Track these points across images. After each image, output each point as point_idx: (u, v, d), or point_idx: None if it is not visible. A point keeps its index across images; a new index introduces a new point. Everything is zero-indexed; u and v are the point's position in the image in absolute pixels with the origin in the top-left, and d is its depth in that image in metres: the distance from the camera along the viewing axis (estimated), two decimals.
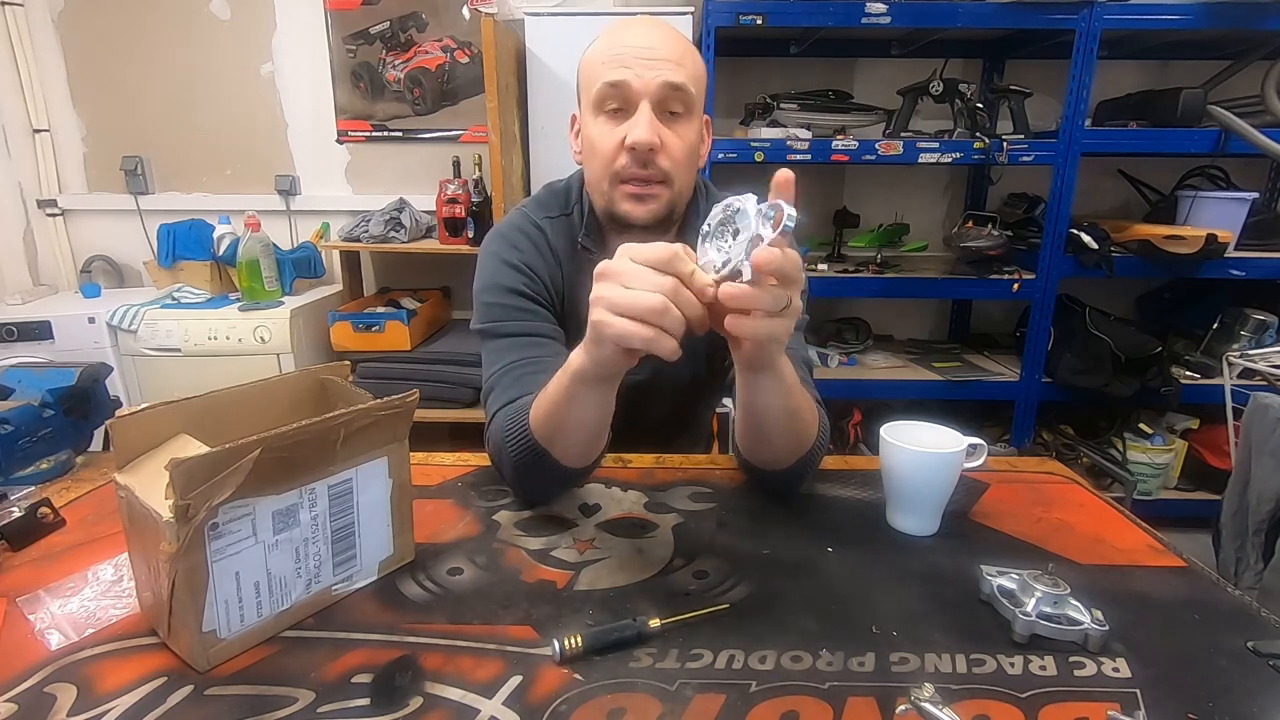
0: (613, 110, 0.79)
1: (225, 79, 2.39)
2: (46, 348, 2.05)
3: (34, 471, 0.85)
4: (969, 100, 2.03)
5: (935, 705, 0.49)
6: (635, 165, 0.78)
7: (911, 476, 0.74)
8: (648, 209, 0.80)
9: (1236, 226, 2.02)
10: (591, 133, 0.81)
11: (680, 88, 0.77)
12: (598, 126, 0.80)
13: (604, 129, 0.79)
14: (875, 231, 2.38)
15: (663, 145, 0.77)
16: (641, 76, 0.76)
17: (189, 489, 0.49)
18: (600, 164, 0.80)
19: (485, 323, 0.86)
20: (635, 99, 0.77)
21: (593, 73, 0.80)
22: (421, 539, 0.71)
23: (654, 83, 0.76)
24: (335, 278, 2.47)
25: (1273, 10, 1.83)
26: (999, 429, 2.31)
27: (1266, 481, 1.39)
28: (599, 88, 0.78)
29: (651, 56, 0.77)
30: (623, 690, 0.52)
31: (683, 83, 0.77)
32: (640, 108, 0.76)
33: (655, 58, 0.77)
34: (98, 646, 0.56)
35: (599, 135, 0.80)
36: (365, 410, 0.59)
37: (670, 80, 0.76)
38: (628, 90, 0.77)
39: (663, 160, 0.78)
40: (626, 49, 0.77)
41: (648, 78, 0.76)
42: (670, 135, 0.78)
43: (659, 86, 0.76)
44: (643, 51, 0.77)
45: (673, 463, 0.92)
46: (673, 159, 0.79)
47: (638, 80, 0.76)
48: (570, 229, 0.90)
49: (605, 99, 0.78)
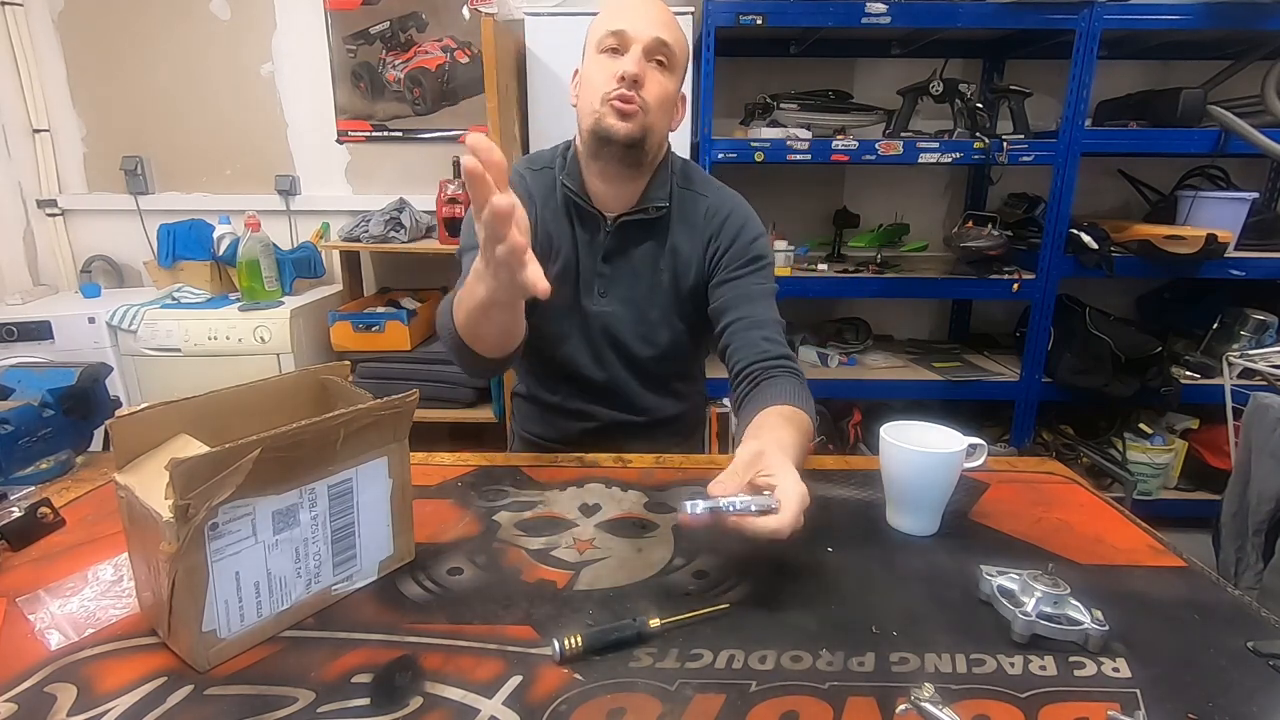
0: (610, 50, 0.93)
1: (225, 79, 2.39)
2: (46, 348, 2.04)
3: (34, 471, 0.85)
4: (969, 100, 2.03)
5: (935, 705, 0.49)
6: (624, 88, 0.91)
7: (911, 476, 0.74)
8: (626, 126, 0.92)
9: (1236, 226, 2.02)
10: (590, 69, 0.95)
11: (667, 44, 0.93)
12: (596, 63, 0.94)
13: (601, 63, 0.93)
14: (875, 231, 2.38)
15: (645, 81, 0.92)
16: (637, 26, 0.92)
17: (189, 489, 0.49)
18: (593, 90, 0.93)
19: (464, 243, 0.98)
20: (629, 44, 0.92)
21: (597, 24, 0.96)
22: (421, 539, 0.71)
23: (646, 34, 0.92)
24: (335, 278, 2.47)
25: (1273, 10, 1.83)
26: (999, 429, 2.31)
27: (1266, 481, 1.39)
28: (601, 34, 0.94)
29: (647, 17, 0.93)
30: (623, 690, 0.52)
31: (670, 41, 0.93)
32: (632, 49, 0.92)
33: (650, 19, 0.93)
34: (98, 646, 0.56)
35: (596, 68, 0.94)
36: (365, 410, 0.59)
37: (660, 36, 0.92)
38: (624, 36, 0.92)
39: (644, 93, 0.92)
40: (627, 7, 0.95)
41: (642, 27, 0.92)
42: (653, 76, 0.93)
43: (650, 38, 0.92)
44: (641, 13, 0.94)
45: (673, 463, 0.92)
46: (652, 95, 0.93)
47: (634, 29, 0.92)
48: (550, 180, 1.04)
49: (605, 41, 0.93)
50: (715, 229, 1.02)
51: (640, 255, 1.03)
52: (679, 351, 1.08)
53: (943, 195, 2.52)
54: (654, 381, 1.09)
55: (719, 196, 1.05)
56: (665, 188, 1.01)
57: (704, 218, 1.03)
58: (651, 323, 1.04)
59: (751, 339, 0.94)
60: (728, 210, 1.03)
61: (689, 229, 1.03)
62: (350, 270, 2.40)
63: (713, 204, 1.04)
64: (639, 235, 1.02)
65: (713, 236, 1.02)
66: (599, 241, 1.02)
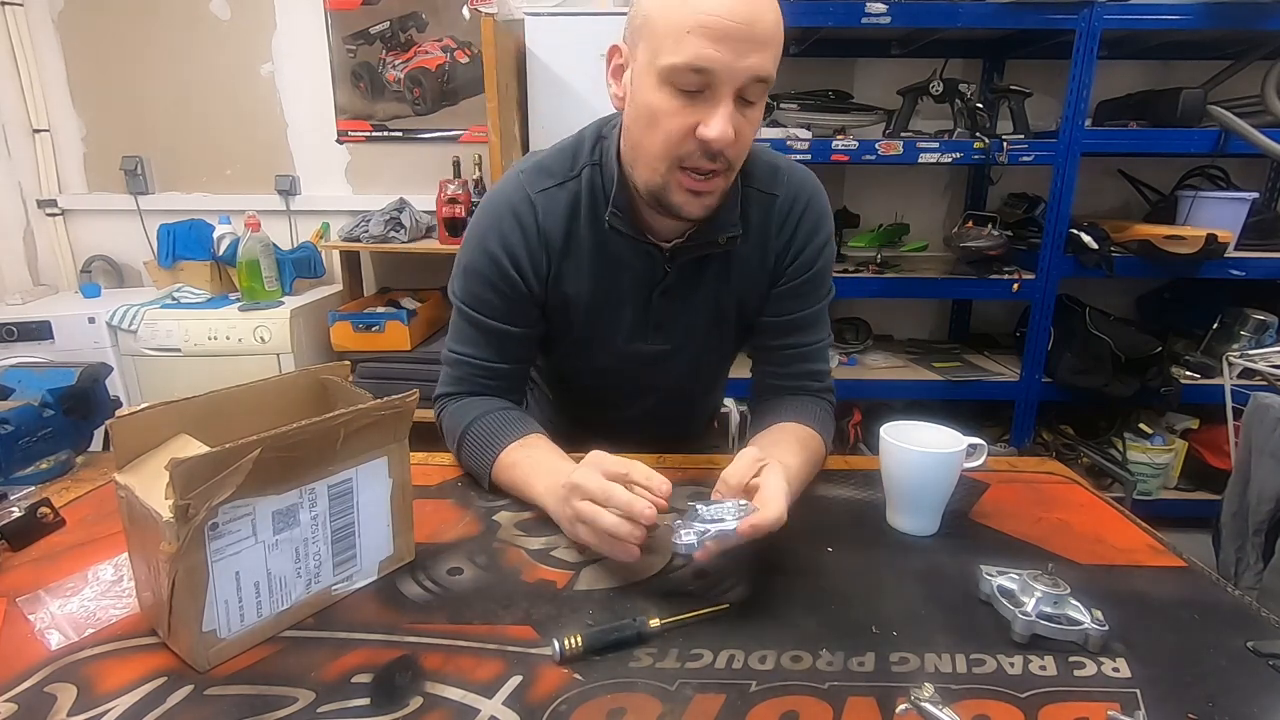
0: (688, 90, 0.68)
1: (225, 79, 2.39)
2: (46, 348, 2.05)
3: (34, 471, 0.84)
4: (969, 100, 2.03)
5: (935, 705, 0.49)
6: (703, 157, 0.71)
7: (911, 476, 0.74)
8: (704, 204, 0.75)
9: (1236, 226, 2.02)
10: (655, 104, 0.70)
11: (766, 80, 0.69)
12: (665, 101, 0.69)
13: (673, 106, 0.69)
14: (875, 231, 2.38)
15: (735, 138, 0.70)
16: (732, 67, 0.66)
17: (189, 489, 0.49)
18: (662, 144, 0.71)
19: (460, 299, 0.88)
20: (718, 86, 0.67)
21: (672, 28, 0.67)
22: (421, 539, 0.71)
23: (744, 74, 0.67)
24: (335, 278, 2.47)
25: (1273, 10, 1.83)
26: (999, 429, 2.31)
27: (1266, 481, 1.38)
28: (679, 62, 0.66)
29: (748, 37, 0.66)
30: (623, 690, 0.52)
31: (770, 73, 0.69)
32: (721, 94, 0.68)
33: (751, 39, 0.66)
34: (98, 646, 0.56)
35: (666, 113, 0.70)
36: (365, 410, 0.59)
37: (760, 75, 0.68)
38: (711, 77, 0.67)
39: (730, 150, 0.71)
40: (722, 15, 0.65)
41: (739, 68, 0.66)
42: (744, 122, 0.71)
43: (748, 77, 0.67)
44: (740, 27, 0.65)
45: (673, 463, 0.92)
46: (740, 149, 0.72)
47: (727, 71, 0.66)
48: (571, 198, 0.83)
49: (683, 77, 0.67)
50: (787, 238, 0.87)
51: (703, 289, 0.87)
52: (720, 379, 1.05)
53: (943, 195, 2.51)
54: (688, 406, 1.05)
55: (788, 189, 0.86)
56: (735, 208, 0.82)
57: (776, 225, 0.86)
58: (708, 361, 0.96)
59: (794, 371, 0.92)
60: (801, 209, 0.86)
61: (761, 244, 0.86)
62: (350, 270, 2.40)
63: (783, 203, 0.86)
64: (702, 267, 0.86)
65: (785, 248, 0.87)
66: (655, 275, 0.85)
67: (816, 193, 0.88)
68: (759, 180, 0.85)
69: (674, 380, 0.97)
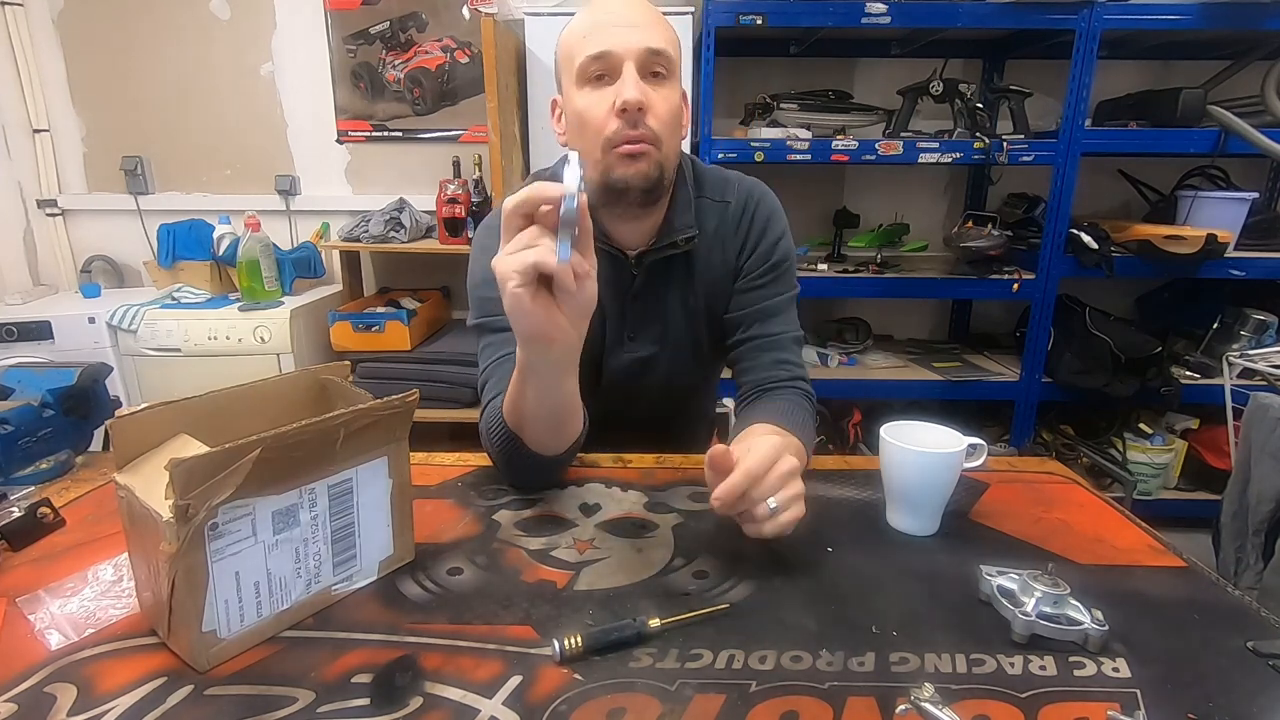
0: (597, 78, 0.81)
1: (225, 79, 2.39)
2: (46, 348, 2.05)
3: (34, 471, 0.84)
4: (969, 100, 2.03)
5: (935, 705, 0.49)
6: (627, 127, 0.80)
7: (911, 476, 0.74)
8: (639, 168, 0.82)
9: (1236, 226, 2.02)
10: (579, 105, 0.82)
11: (660, 52, 0.81)
12: (585, 98, 0.82)
13: (592, 98, 0.81)
14: (875, 231, 2.38)
15: (650, 106, 0.80)
16: (625, 43, 0.79)
17: (189, 489, 0.49)
18: (592, 133, 0.81)
19: (479, 317, 0.91)
20: (619, 64, 0.79)
21: (573, 49, 0.82)
22: (421, 539, 0.71)
23: (636, 47, 0.79)
24: (335, 278, 2.47)
25: (1273, 10, 1.83)
26: (999, 429, 2.31)
27: (1266, 481, 1.39)
28: (582, 60, 0.80)
29: (630, 24, 0.80)
30: (623, 690, 0.52)
31: (663, 47, 0.81)
32: (625, 70, 0.79)
33: (633, 24, 0.80)
34: (98, 646, 0.56)
35: (587, 105, 0.81)
36: (365, 410, 0.59)
37: (651, 45, 0.80)
38: (611, 58, 0.79)
39: (651, 120, 0.80)
40: (604, 21, 0.81)
41: (630, 42, 0.79)
42: (655, 96, 0.81)
43: (641, 51, 0.79)
44: (620, 20, 0.81)
45: (673, 463, 0.92)
46: (660, 119, 0.81)
47: (622, 47, 0.79)
48: None
49: (589, 69, 0.81)
50: (744, 236, 0.95)
51: (672, 289, 0.95)
52: (708, 379, 1.05)
53: (943, 195, 2.52)
54: (674, 408, 1.06)
55: (739, 195, 0.96)
56: (689, 212, 0.92)
57: (732, 227, 0.95)
58: (684, 360, 0.99)
59: (764, 361, 0.93)
60: (752, 210, 0.95)
61: (720, 246, 0.95)
62: (350, 270, 2.40)
63: (734, 209, 0.95)
64: (668, 268, 0.94)
65: (742, 246, 0.95)
66: (624, 281, 0.93)
67: (765, 195, 0.97)
68: (710, 190, 0.96)
69: (658, 384, 1.00)
